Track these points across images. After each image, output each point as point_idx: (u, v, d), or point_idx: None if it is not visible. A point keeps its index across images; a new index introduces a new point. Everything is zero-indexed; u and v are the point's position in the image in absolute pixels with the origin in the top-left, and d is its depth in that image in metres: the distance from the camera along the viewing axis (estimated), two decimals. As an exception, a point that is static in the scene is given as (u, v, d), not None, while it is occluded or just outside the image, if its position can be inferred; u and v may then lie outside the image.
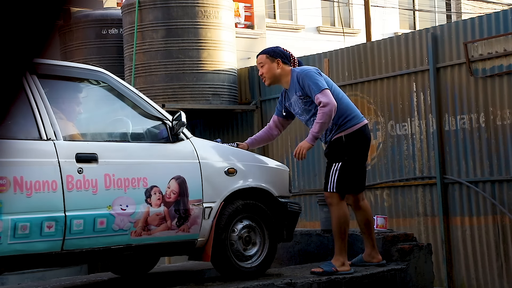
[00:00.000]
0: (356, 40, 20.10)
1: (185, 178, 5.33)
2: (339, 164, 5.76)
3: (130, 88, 5.42)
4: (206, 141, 5.83)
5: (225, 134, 11.07)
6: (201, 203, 5.41)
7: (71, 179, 4.84)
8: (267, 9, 21.69)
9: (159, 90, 9.93)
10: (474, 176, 8.30)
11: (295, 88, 5.85)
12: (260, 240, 5.72)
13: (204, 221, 5.41)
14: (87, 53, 11.08)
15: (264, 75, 5.99)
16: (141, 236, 5.11)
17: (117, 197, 5.01)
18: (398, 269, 6.10)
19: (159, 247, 5.29)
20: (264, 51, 6.07)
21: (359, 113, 5.92)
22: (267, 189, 5.82)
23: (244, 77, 10.75)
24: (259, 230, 5.74)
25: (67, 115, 5.11)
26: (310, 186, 9.85)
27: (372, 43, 9.52)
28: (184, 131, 5.46)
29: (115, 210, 4.99)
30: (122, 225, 5.01)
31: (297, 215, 6.04)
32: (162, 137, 5.40)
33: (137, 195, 5.10)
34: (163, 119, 5.40)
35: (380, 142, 9.14)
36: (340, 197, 5.79)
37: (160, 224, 5.18)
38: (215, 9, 10.05)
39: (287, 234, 5.94)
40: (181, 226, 5.29)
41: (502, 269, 8.08)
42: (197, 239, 5.41)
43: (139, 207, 5.09)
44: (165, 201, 5.22)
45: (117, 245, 5.04)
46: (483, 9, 24.04)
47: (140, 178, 5.13)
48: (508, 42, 8.01)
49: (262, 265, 5.71)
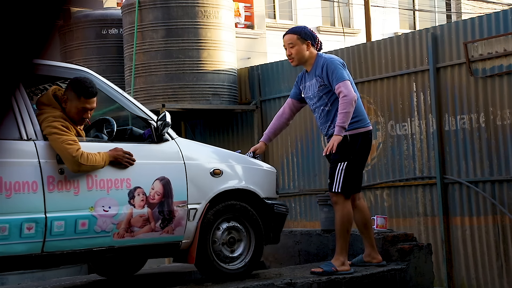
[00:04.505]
0: (356, 40, 20.09)
1: (169, 179, 5.26)
2: (345, 163, 5.74)
3: (115, 88, 5.34)
4: (191, 142, 5.77)
5: (225, 134, 11.07)
6: (186, 204, 5.34)
7: (52, 179, 4.77)
8: (267, 9, 21.69)
9: (159, 90, 9.92)
10: (474, 176, 8.30)
11: (317, 73, 5.81)
12: (245, 242, 5.65)
13: (189, 222, 5.34)
14: (87, 53, 11.08)
15: (292, 55, 5.87)
16: (124, 238, 5.03)
17: (99, 198, 4.94)
18: (398, 269, 6.10)
19: (142, 249, 5.21)
20: (294, 31, 5.93)
21: (367, 118, 5.92)
22: (253, 191, 5.74)
23: (244, 77, 10.75)
24: (245, 231, 5.66)
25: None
26: (310, 186, 9.85)
27: (372, 43, 9.52)
28: (169, 132, 5.38)
29: (97, 212, 4.92)
30: (104, 227, 4.94)
31: (284, 217, 5.96)
32: (146, 138, 5.33)
33: (120, 196, 5.03)
34: (148, 119, 5.32)
35: (380, 142, 9.14)
36: (345, 196, 5.78)
37: (143, 226, 5.11)
38: (215, 9, 10.05)
39: (273, 235, 5.87)
40: (165, 227, 5.22)
41: (502, 269, 8.08)
42: (181, 241, 5.34)
43: (122, 208, 5.02)
44: (149, 202, 5.15)
45: (99, 247, 4.97)
46: (483, 9, 24.04)
47: (123, 179, 5.06)
48: (508, 42, 8.01)
49: (247, 267, 5.62)
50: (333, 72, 5.70)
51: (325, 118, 5.85)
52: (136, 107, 5.36)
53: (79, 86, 5.00)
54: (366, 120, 5.88)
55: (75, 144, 4.82)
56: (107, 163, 4.97)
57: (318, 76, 5.80)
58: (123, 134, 5.40)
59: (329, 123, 5.83)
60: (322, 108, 5.84)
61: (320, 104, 5.85)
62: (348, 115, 5.60)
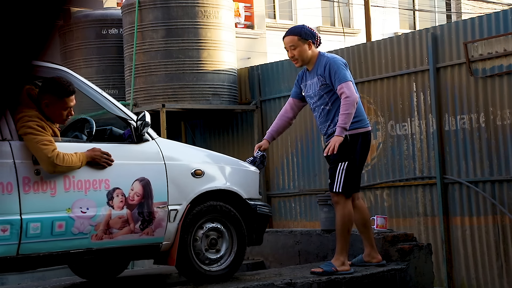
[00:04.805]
0: (356, 40, 20.10)
1: (149, 180, 5.18)
2: (345, 163, 5.74)
3: (93, 87, 5.25)
4: (172, 142, 5.68)
5: (225, 134, 11.07)
6: (166, 205, 5.26)
7: (28, 180, 4.69)
8: (267, 9, 21.69)
9: (159, 90, 9.92)
10: (474, 176, 8.30)
11: (319, 72, 5.81)
12: (228, 243, 5.57)
13: (169, 224, 5.26)
14: (87, 53, 11.08)
15: (296, 57, 5.87)
16: (103, 239, 4.96)
17: (77, 199, 4.86)
18: (398, 269, 6.10)
19: (121, 251, 5.13)
20: (294, 32, 5.90)
21: (366, 119, 5.94)
22: (235, 191, 5.67)
23: (244, 77, 10.75)
24: (227, 233, 5.58)
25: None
26: (310, 186, 9.85)
27: (372, 43, 9.52)
28: (149, 132, 5.30)
29: (75, 213, 4.84)
30: (82, 229, 4.86)
31: (267, 218, 5.90)
32: (126, 138, 5.24)
33: (99, 197, 4.95)
34: (127, 119, 5.24)
35: (380, 142, 9.14)
36: (346, 196, 5.78)
37: (122, 227, 5.04)
38: (215, 9, 10.05)
39: (256, 237, 5.80)
40: (145, 229, 5.14)
41: (502, 269, 8.08)
42: (162, 243, 5.26)
43: (101, 209, 4.95)
44: (128, 203, 5.07)
45: (76, 249, 4.89)
46: (483, 9, 24.04)
47: (101, 179, 4.98)
48: (508, 42, 8.01)
49: (229, 269, 5.55)
50: (336, 73, 5.70)
51: (325, 117, 5.85)
52: (114, 106, 5.26)
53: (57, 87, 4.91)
54: (366, 121, 5.88)
55: (51, 145, 4.74)
56: (84, 163, 4.88)
57: (320, 75, 5.80)
58: (103, 134, 5.30)
59: (328, 123, 5.84)
60: (323, 108, 5.84)
61: (320, 103, 5.85)
62: (350, 116, 5.61)
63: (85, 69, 11.05)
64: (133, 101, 10.05)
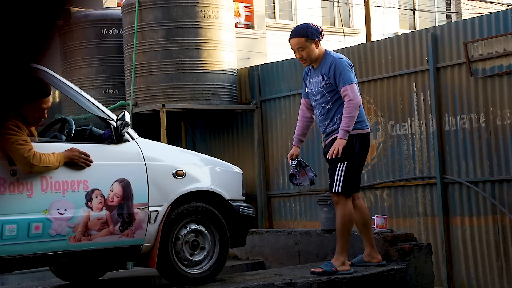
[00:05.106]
0: (356, 40, 20.10)
1: (129, 181, 5.11)
2: (345, 164, 5.75)
3: (72, 87, 5.18)
4: (153, 142, 5.59)
5: (225, 134, 11.07)
6: (147, 206, 5.20)
7: (3, 181, 4.62)
8: (267, 9, 21.69)
9: (159, 90, 9.92)
10: (474, 176, 8.30)
11: (324, 71, 5.83)
12: (209, 245, 5.50)
13: (149, 225, 5.20)
14: (87, 53, 11.08)
15: (304, 58, 5.87)
16: (81, 241, 4.89)
17: (54, 200, 4.79)
18: (398, 269, 6.10)
19: (101, 253, 5.06)
20: (300, 34, 5.88)
21: (366, 120, 5.97)
22: (218, 192, 5.60)
23: (244, 77, 10.75)
24: (209, 234, 5.52)
25: None
26: (310, 186, 9.84)
27: (372, 43, 9.52)
28: (129, 132, 5.22)
29: (52, 215, 4.77)
30: (59, 230, 4.79)
31: (251, 219, 5.84)
32: (106, 138, 5.17)
33: (77, 198, 4.88)
34: (107, 119, 5.16)
35: (380, 142, 9.14)
36: (346, 196, 5.78)
37: (101, 229, 4.97)
38: (215, 9, 10.05)
39: (239, 238, 5.75)
40: (125, 231, 5.07)
41: (502, 269, 8.08)
42: (142, 245, 5.20)
43: (79, 211, 4.88)
44: (108, 204, 5.00)
45: (54, 251, 4.82)
46: (483, 9, 24.04)
47: (80, 180, 4.90)
48: (508, 42, 8.01)
49: (211, 271, 5.49)
50: (341, 74, 5.72)
51: (325, 115, 5.87)
52: (94, 106, 5.19)
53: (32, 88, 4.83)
54: (365, 123, 5.90)
55: (27, 144, 4.66)
56: (61, 164, 4.81)
57: (324, 74, 5.82)
58: (82, 134, 5.23)
59: (328, 121, 5.86)
60: (323, 106, 5.86)
61: (322, 101, 5.87)
62: (353, 119, 5.64)
63: (85, 69, 11.05)
64: (133, 101, 10.05)
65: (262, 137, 10.48)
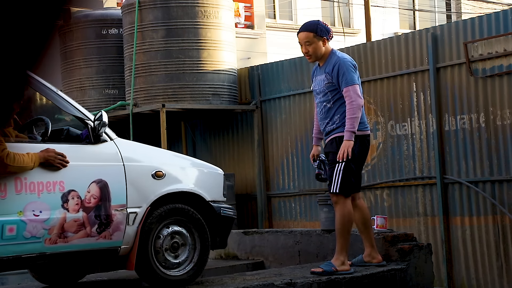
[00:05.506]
0: (356, 40, 20.10)
1: (107, 182, 5.04)
2: (343, 164, 5.75)
3: (48, 86, 5.10)
4: (132, 142, 5.51)
5: (225, 134, 11.07)
6: (125, 208, 5.13)
7: None
8: (267, 9, 21.69)
9: (159, 90, 9.92)
10: (474, 176, 8.30)
11: (327, 70, 5.84)
12: (190, 247, 5.43)
13: (128, 227, 5.13)
14: (87, 53, 11.08)
15: (310, 53, 5.88)
16: (57, 243, 4.80)
17: (29, 202, 4.71)
18: (398, 269, 6.10)
19: (77, 255, 4.99)
20: (310, 29, 5.89)
21: (366, 122, 5.98)
22: (198, 193, 5.53)
23: (244, 77, 10.75)
24: (190, 236, 5.45)
25: None
26: (310, 186, 9.85)
27: (372, 43, 9.52)
28: (107, 132, 5.15)
29: (27, 216, 4.69)
30: (34, 232, 4.71)
31: (231, 220, 5.77)
32: (84, 138, 5.09)
33: (52, 200, 4.79)
34: (84, 119, 5.08)
35: (380, 142, 9.14)
36: (345, 196, 5.79)
37: (78, 231, 4.89)
38: (215, 9, 10.05)
39: (220, 240, 5.69)
40: (102, 232, 5.00)
41: (502, 269, 8.08)
42: (120, 247, 5.12)
43: (55, 212, 4.79)
44: (84, 206, 4.92)
45: (29, 253, 4.74)
46: (483, 9, 24.04)
47: (56, 181, 4.82)
48: (508, 42, 8.01)
49: (192, 273, 5.42)
50: (344, 74, 5.74)
51: (325, 114, 5.88)
52: (70, 106, 5.10)
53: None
54: (365, 124, 5.91)
55: (1, 144, 4.59)
56: (36, 164, 4.73)
57: (328, 73, 5.83)
58: (60, 134, 5.15)
59: (327, 120, 5.87)
60: (324, 105, 5.88)
61: (323, 100, 5.88)
62: (357, 120, 5.66)
63: (85, 69, 11.05)
64: (133, 101, 10.05)
65: (262, 137, 10.48)
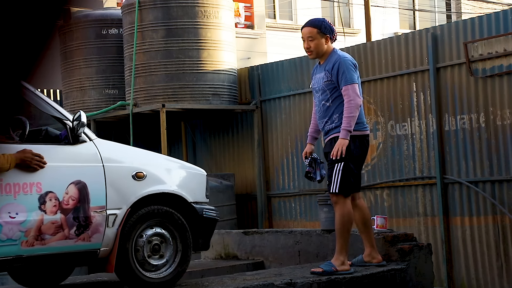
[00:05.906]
0: (356, 40, 20.10)
1: (86, 183, 4.97)
2: (341, 164, 5.75)
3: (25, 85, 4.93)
4: (112, 143, 5.43)
5: (225, 134, 11.07)
6: (105, 210, 5.06)
7: None
8: (267, 9, 21.69)
9: (159, 90, 9.92)
10: (474, 176, 8.30)
11: (327, 68, 5.85)
12: (171, 249, 5.36)
13: (107, 229, 5.06)
14: (87, 53, 11.08)
15: (311, 49, 5.89)
16: (34, 246, 4.73)
17: (5, 203, 4.65)
18: (398, 269, 6.10)
19: (55, 257, 4.92)
20: (315, 25, 5.92)
21: (365, 122, 5.98)
22: (180, 195, 5.46)
23: (244, 77, 10.75)
24: (171, 238, 5.38)
25: None
26: (310, 186, 9.85)
27: (372, 43, 9.52)
28: (86, 132, 5.07)
29: (3, 218, 4.63)
30: (10, 235, 4.64)
31: (214, 222, 5.71)
32: (63, 139, 5.02)
33: (29, 201, 4.72)
34: (62, 119, 5.01)
35: (380, 142, 9.14)
36: (344, 196, 5.79)
37: (56, 233, 4.82)
38: (215, 9, 10.05)
39: (203, 241, 5.63)
40: (81, 235, 4.93)
41: (502, 269, 8.08)
42: (99, 249, 5.05)
43: (31, 214, 4.72)
44: (62, 208, 4.85)
45: (5, 256, 4.67)
46: (483, 9, 24.04)
47: (33, 183, 4.75)
48: (508, 42, 8.01)
49: (173, 276, 5.35)
50: (344, 73, 5.74)
51: (324, 113, 5.88)
52: (48, 105, 5.03)
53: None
54: (364, 124, 5.91)
55: None
56: (12, 165, 4.66)
57: (327, 71, 5.84)
58: (38, 135, 5.09)
59: (326, 119, 5.87)
60: (323, 103, 5.87)
61: (322, 98, 5.88)
62: (354, 119, 5.65)
63: (85, 69, 11.05)
64: (133, 101, 10.05)
65: (262, 137, 10.48)
